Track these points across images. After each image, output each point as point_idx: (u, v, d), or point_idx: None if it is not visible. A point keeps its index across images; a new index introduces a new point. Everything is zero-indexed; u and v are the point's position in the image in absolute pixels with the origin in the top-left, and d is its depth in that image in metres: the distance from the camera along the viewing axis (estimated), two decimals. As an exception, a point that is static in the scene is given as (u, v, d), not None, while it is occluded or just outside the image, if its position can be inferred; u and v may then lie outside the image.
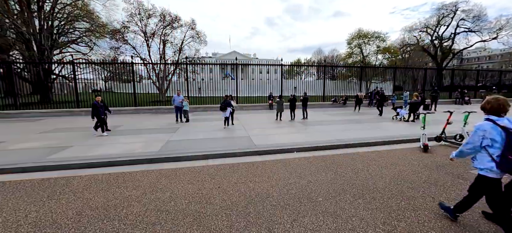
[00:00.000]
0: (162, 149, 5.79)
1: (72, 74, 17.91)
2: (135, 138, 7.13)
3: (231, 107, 8.97)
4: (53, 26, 19.00)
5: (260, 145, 6.13)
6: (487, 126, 2.15)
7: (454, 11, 39.02)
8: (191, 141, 6.72)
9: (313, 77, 50.95)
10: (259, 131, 8.18)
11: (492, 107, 2.20)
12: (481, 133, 2.17)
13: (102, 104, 7.84)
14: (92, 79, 19.72)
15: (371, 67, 20.53)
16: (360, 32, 29.23)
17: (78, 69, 15.09)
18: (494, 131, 2.09)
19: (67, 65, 17.89)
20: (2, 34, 18.20)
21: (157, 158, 5.12)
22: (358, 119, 11.02)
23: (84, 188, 3.72)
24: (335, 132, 7.92)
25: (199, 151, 5.59)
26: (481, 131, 2.18)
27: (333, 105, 16.93)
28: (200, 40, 20.27)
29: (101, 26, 19.93)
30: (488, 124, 2.15)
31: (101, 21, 19.42)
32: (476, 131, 2.22)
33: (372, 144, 6.53)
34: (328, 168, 4.57)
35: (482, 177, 2.25)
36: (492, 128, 2.11)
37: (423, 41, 42.80)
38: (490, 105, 2.22)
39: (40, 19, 18.21)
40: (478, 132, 2.19)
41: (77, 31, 20.12)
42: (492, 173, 2.17)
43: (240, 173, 4.30)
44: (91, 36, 20.50)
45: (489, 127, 2.13)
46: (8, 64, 14.45)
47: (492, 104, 2.20)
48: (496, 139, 2.09)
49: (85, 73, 16.55)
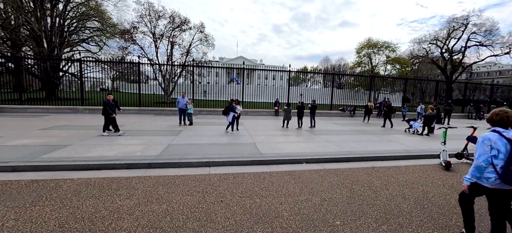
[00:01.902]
0: (162, 153, 5.44)
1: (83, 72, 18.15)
2: (135, 139, 6.82)
3: (235, 112, 8.64)
4: (64, 24, 19.29)
5: (266, 154, 5.72)
6: (493, 136, 2.13)
7: (465, 25, 38.27)
8: (194, 145, 6.36)
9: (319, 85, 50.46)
10: (265, 138, 7.78)
11: (501, 119, 2.19)
12: (488, 142, 2.14)
13: (113, 102, 7.65)
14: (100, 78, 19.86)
15: (381, 77, 19.93)
16: (369, 41, 28.76)
17: (85, 67, 15.12)
18: (499, 141, 2.09)
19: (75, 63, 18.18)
20: (16, 30, 18.58)
21: (156, 163, 4.77)
22: (368, 130, 10.50)
23: (73, 194, 3.38)
24: (345, 142, 7.45)
25: (201, 157, 5.22)
26: (487, 140, 2.14)
27: (341, 114, 16.43)
28: (208, 43, 20.23)
29: (111, 26, 20.17)
30: (494, 135, 2.14)
31: (112, 21, 19.63)
32: (483, 141, 2.17)
33: (388, 158, 6.04)
34: (343, 184, 4.12)
35: (474, 184, 2.28)
36: (498, 139, 2.10)
37: (433, 53, 42.10)
38: (499, 117, 2.21)
39: (52, 17, 18.54)
40: (485, 142, 2.16)
41: (88, 30, 20.37)
42: (496, 184, 2.14)
43: (245, 185, 3.90)
44: (102, 36, 20.75)
45: (495, 137, 2.12)
46: (17, 59, 14.57)
47: (501, 116, 2.19)
48: (501, 150, 2.07)
49: (93, 72, 16.60)
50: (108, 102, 7.45)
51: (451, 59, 41.17)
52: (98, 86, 21.84)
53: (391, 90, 23.61)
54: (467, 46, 39.91)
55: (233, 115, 8.52)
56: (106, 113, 7.36)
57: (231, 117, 8.52)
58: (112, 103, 7.62)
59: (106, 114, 7.37)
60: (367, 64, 29.58)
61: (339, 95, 17.69)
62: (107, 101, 7.46)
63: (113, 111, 7.55)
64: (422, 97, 25.58)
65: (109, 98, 7.58)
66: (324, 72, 16.21)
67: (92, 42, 22.21)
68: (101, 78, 19.45)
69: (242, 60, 22.12)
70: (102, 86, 30.20)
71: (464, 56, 41.06)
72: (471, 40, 39.57)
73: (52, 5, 18.44)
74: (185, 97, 9.94)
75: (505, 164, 2.03)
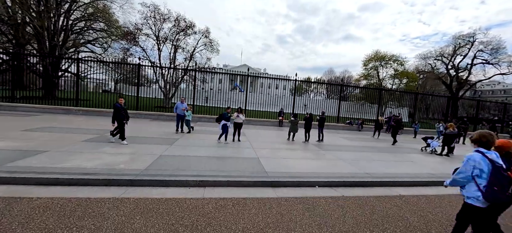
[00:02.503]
0: (150, 167, 4.63)
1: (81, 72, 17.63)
2: (123, 147, 6.03)
3: (227, 121, 7.88)
4: (68, 24, 19.02)
5: (272, 173, 4.88)
6: (477, 157, 2.22)
7: (472, 42, 37.93)
8: (189, 158, 5.55)
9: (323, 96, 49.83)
10: (269, 152, 6.95)
11: (488, 141, 2.28)
12: (472, 163, 2.23)
13: (125, 107, 6.83)
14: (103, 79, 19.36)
15: (391, 90, 19.09)
16: (377, 54, 28.22)
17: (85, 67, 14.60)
18: (483, 162, 2.18)
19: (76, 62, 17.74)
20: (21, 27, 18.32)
21: (139, 179, 3.95)
22: (381, 147, 9.63)
23: (23, 221, 2.57)
24: (359, 161, 6.60)
25: (195, 174, 4.40)
26: (472, 161, 2.24)
27: (348, 127, 15.60)
28: (213, 48, 19.77)
29: (117, 28, 19.87)
30: (478, 155, 2.23)
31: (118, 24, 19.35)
32: (468, 160, 2.27)
33: (413, 184, 5.18)
34: (370, 221, 3.26)
35: (469, 205, 2.30)
36: (481, 159, 2.19)
37: (438, 69, 41.56)
38: (486, 139, 2.29)
39: (55, 15, 18.27)
40: (470, 162, 2.25)
41: (92, 30, 20.08)
42: (478, 202, 2.22)
43: (249, 218, 3.06)
44: (107, 38, 20.40)
45: (479, 158, 2.21)
46: (14, 55, 14.09)
47: (488, 138, 2.28)
48: (484, 170, 2.16)
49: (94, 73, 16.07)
50: (120, 106, 6.55)
51: (457, 76, 40.54)
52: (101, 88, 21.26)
53: (398, 105, 22.79)
54: (473, 63, 39.43)
55: (224, 124, 7.78)
56: (119, 119, 6.52)
57: (222, 126, 7.78)
58: (124, 107, 6.78)
59: (119, 119, 6.52)
60: (373, 77, 28.91)
61: (345, 108, 16.91)
62: (119, 105, 6.55)
63: (127, 116, 6.75)
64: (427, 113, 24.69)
65: (121, 102, 6.68)
66: (332, 82, 15.51)
67: (97, 44, 21.92)
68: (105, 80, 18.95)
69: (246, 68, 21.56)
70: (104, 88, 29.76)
71: (470, 73, 40.51)
72: (477, 58, 39.11)
73: (57, 4, 18.23)
74: (185, 103, 9.19)
75: (487, 183, 2.12)
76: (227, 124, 7.89)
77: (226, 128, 7.87)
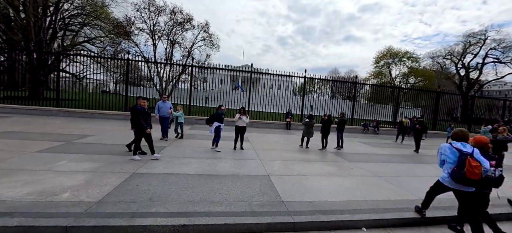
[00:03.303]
0: (108, 196, 3.07)
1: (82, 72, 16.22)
2: (83, 163, 4.44)
3: (221, 122, 6.45)
4: (57, 17, 17.63)
5: (292, 202, 3.30)
6: (445, 147, 2.88)
7: (484, 40, 36.00)
8: (171, 179, 3.98)
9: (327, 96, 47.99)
10: (281, 165, 5.36)
11: (460, 137, 2.85)
12: (441, 150, 2.95)
13: (149, 111, 5.16)
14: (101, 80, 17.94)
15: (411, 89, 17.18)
16: (390, 50, 26.36)
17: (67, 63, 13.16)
18: (448, 150, 2.81)
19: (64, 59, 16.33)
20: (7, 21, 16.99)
21: (77, 226, 2.39)
22: (412, 155, 8.01)
23: None
24: (401, 178, 4.98)
25: (174, 210, 2.82)
26: (442, 149, 2.92)
27: (363, 130, 13.95)
28: (213, 44, 18.23)
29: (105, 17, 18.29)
30: (447, 146, 2.88)
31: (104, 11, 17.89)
32: (439, 150, 3.00)
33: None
34: None
35: (438, 181, 3.03)
36: (448, 149, 2.82)
37: (447, 69, 39.72)
38: (457, 136, 2.89)
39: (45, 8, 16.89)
40: (440, 150, 2.96)
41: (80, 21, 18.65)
42: (444, 181, 2.87)
43: None
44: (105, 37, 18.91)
45: (446, 147, 2.86)
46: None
47: (458, 134, 2.88)
48: (450, 157, 2.78)
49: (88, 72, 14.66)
50: (142, 109, 4.95)
51: (467, 76, 38.58)
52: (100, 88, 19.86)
53: (413, 105, 21.02)
54: (485, 62, 37.47)
55: (217, 127, 6.31)
56: (138, 126, 4.91)
57: (214, 129, 6.29)
58: (148, 111, 5.15)
59: (139, 127, 4.91)
60: (385, 75, 27.03)
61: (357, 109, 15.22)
62: (141, 108, 4.94)
63: (149, 123, 5.11)
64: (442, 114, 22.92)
65: (143, 105, 5.06)
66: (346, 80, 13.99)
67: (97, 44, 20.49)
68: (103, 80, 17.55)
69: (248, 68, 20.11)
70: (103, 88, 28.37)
71: (481, 73, 38.54)
72: (489, 56, 37.19)
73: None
74: (167, 101, 7.29)
75: (453, 167, 2.70)
76: (221, 126, 6.38)
77: (219, 131, 6.35)
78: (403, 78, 26.69)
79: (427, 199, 3.18)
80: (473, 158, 2.54)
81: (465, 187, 2.65)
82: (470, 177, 2.50)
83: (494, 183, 2.65)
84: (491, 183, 2.66)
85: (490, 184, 2.69)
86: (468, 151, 2.61)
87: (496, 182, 2.65)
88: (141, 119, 4.87)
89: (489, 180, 2.62)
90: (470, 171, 2.49)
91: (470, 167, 2.49)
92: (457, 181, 2.63)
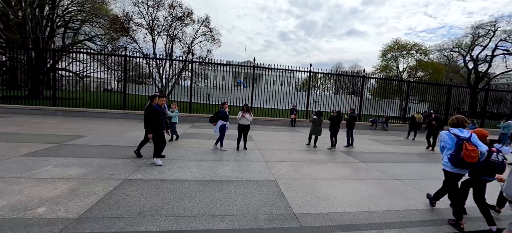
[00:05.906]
0: (91, 210, 2.62)
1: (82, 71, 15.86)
2: (72, 168, 4.01)
3: (226, 121, 5.96)
4: (54, 13, 17.25)
5: (303, 214, 2.83)
6: (444, 134, 3.00)
7: (493, 31, 34.50)
8: (167, 186, 3.53)
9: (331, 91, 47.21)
10: (289, 167, 4.88)
11: (460, 123, 2.92)
12: (441, 138, 3.02)
13: (165, 110, 4.73)
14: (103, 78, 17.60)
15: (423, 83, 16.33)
16: (398, 42, 25.40)
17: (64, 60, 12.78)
18: (447, 136, 2.92)
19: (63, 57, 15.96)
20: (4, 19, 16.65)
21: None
22: (428, 154, 7.46)
23: None
24: (424, 181, 4.46)
25: (168, 228, 2.37)
26: (442, 136, 3.02)
27: (371, 126, 13.36)
28: (214, 39, 17.66)
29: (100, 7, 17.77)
30: (445, 132, 2.99)
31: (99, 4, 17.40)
32: (439, 137, 3.11)
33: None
34: None
35: (443, 170, 3.02)
36: (447, 135, 2.93)
37: (455, 62, 38.41)
38: (460, 121, 2.94)
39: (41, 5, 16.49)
40: (440, 138, 3.05)
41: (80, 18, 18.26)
42: (446, 166, 2.93)
43: None
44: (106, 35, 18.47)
45: (445, 134, 2.98)
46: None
47: (454, 121, 2.99)
48: (448, 142, 2.88)
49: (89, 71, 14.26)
50: (159, 109, 4.46)
51: (476, 69, 37.27)
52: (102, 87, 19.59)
53: (420, 99, 20.21)
54: (494, 54, 36.06)
55: (222, 125, 5.85)
56: (156, 131, 4.40)
57: (218, 127, 5.82)
58: (164, 110, 4.74)
59: (157, 132, 4.41)
60: (392, 69, 26.14)
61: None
62: (157, 107, 4.46)
63: (165, 125, 4.71)
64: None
65: (161, 103, 4.63)
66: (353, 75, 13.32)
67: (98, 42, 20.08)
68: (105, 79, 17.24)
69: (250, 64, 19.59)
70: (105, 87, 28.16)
71: (490, 65, 37.19)
72: (499, 48, 35.74)
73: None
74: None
75: (452, 152, 2.78)
76: (226, 125, 5.92)
77: (224, 130, 5.90)
78: (411, 71, 25.76)
79: (456, 207, 2.91)
80: (470, 142, 2.65)
81: (464, 170, 2.80)
82: (467, 160, 2.61)
83: (498, 168, 2.71)
84: (495, 168, 2.71)
85: (494, 170, 2.72)
86: (465, 136, 2.72)
87: (499, 167, 2.71)
88: (160, 120, 4.37)
89: (492, 165, 2.70)
90: (467, 154, 2.59)
91: (467, 151, 2.59)
92: (456, 165, 2.75)
